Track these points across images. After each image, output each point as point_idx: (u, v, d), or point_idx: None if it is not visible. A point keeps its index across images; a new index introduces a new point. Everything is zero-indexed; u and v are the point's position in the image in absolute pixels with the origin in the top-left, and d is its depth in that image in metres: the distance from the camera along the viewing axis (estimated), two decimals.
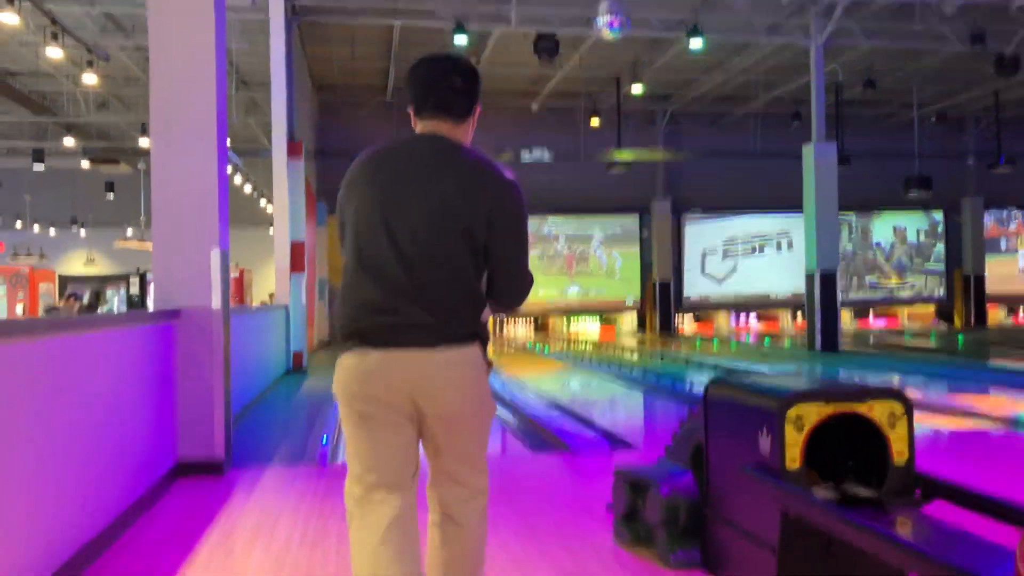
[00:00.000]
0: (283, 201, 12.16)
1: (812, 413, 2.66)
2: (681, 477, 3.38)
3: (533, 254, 21.42)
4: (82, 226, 23.30)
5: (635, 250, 22.25)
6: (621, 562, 3.42)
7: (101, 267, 22.35)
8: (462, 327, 2.30)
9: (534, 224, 21.84)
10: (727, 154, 20.98)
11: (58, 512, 3.29)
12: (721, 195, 22.20)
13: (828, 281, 13.61)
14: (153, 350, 4.82)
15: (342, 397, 2.33)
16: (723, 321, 23.36)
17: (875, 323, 23.64)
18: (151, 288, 5.32)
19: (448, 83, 2.41)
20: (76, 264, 22.97)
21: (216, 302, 5.25)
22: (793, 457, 2.64)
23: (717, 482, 3.14)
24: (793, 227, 22.43)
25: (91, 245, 23.25)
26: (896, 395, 2.69)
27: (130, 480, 4.28)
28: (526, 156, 18.40)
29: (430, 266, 2.27)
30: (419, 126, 2.45)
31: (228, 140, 15.03)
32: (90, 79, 11.37)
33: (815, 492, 2.67)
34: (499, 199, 2.33)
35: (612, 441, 6.21)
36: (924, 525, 2.41)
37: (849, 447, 2.82)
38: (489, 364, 2.39)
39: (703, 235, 22.66)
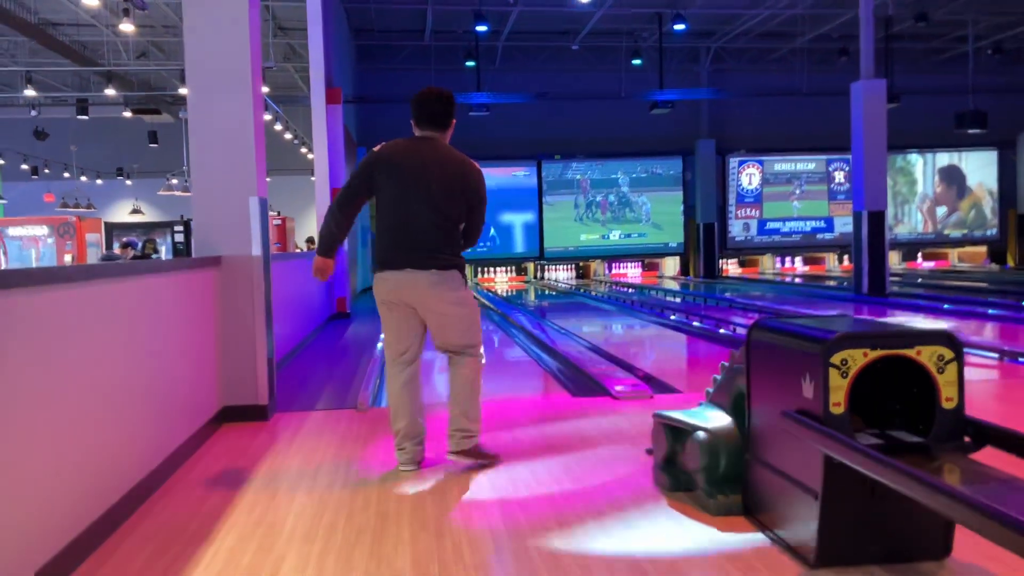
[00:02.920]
0: (323, 148, 12.14)
1: (857, 357, 2.59)
2: (722, 421, 3.34)
3: (567, 199, 21.51)
4: (128, 176, 23.58)
5: (675, 194, 21.94)
6: (660, 507, 3.40)
7: (148, 215, 22.63)
8: (448, 258, 3.95)
9: (567, 167, 21.63)
10: (773, 93, 20.46)
11: (107, 453, 3.35)
12: (767, 135, 21.75)
13: (876, 222, 13.31)
14: (195, 297, 4.87)
15: (378, 299, 4.02)
16: (768, 264, 23.07)
17: (924, 264, 23.16)
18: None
19: (436, 107, 4.06)
20: (122, 213, 23.28)
21: (256, 249, 5.27)
22: (837, 402, 2.58)
23: (759, 427, 3.09)
24: (841, 166, 21.98)
25: (137, 194, 23.55)
26: (945, 339, 2.61)
27: (176, 424, 4.35)
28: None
29: (437, 221, 3.93)
30: (417, 132, 4.06)
31: (267, 87, 14.93)
32: (127, 27, 11.36)
33: (860, 438, 2.62)
34: (476, 180, 4.03)
35: (655, 385, 6.17)
36: (972, 472, 2.34)
37: (896, 392, 2.75)
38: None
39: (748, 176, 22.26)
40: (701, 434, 3.32)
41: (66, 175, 22.54)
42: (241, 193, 5.24)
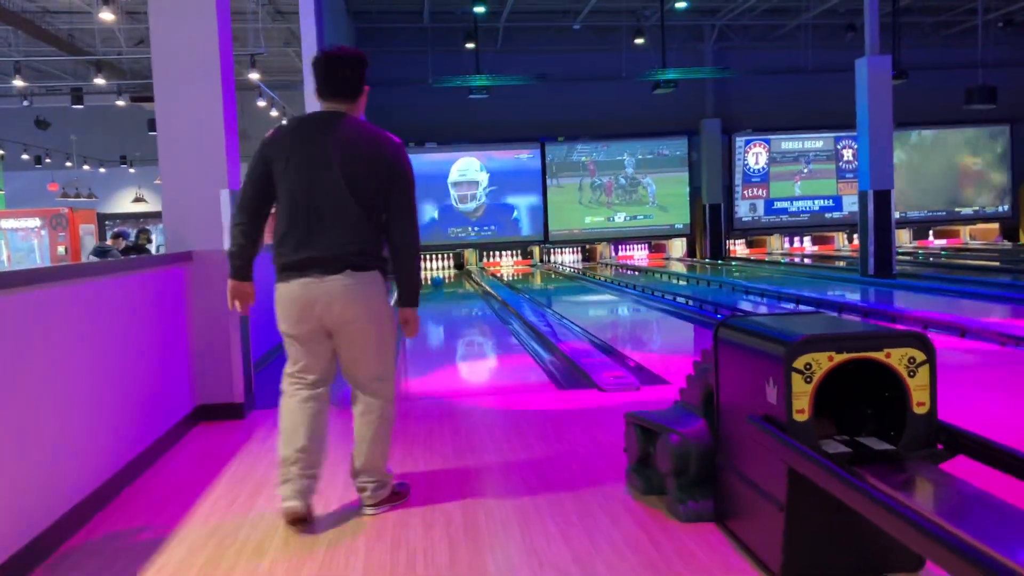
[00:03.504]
0: None
1: (822, 361, 2.43)
2: (694, 423, 3.19)
3: (573, 181, 21.32)
4: (131, 164, 23.50)
5: (681, 174, 21.68)
6: (631, 512, 3.26)
7: (151, 204, 22.57)
8: (368, 258, 3.19)
9: (572, 150, 21.41)
10: (779, 70, 20.15)
11: (64, 459, 3.24)
12: (773, 113, 21.45)
13: (882, 201, 13.07)
14: (166, 294, 4.74)
15: (279, 320, 3.34)
16: (776, 244, 22.81)
17: (935, 242, 22.85)
18: None
19: (340, 72, 3.24)
20: (125, 202, 23.24)
21: (227, 243, 5.13)
22: (800, 409, 2.43)
23: (728, 431, 2.94)
24: (850, 144, 21.70)
25: (139, 182, 23.47)
26: (916, 340, 2.44)
27: (146, 423, 4.24)
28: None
29: (346, 211, 3.15)
30: (323, 105, 3.25)
31: (261, 74, 14.76)
32: (107, 16, 11.19)
33: (826, 446, 2.47)
34: (394, 158, 3.22)
35: (645, 376, 6.03)
36: (941, 488, 2.19)
37: (867, 396, 2.60)
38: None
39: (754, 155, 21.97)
40: (672, 436, 3.17)
41: (68, 164, 22.49)
42: (212, 186, 5.10)
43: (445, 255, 21.19)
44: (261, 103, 17.34)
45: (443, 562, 2.86)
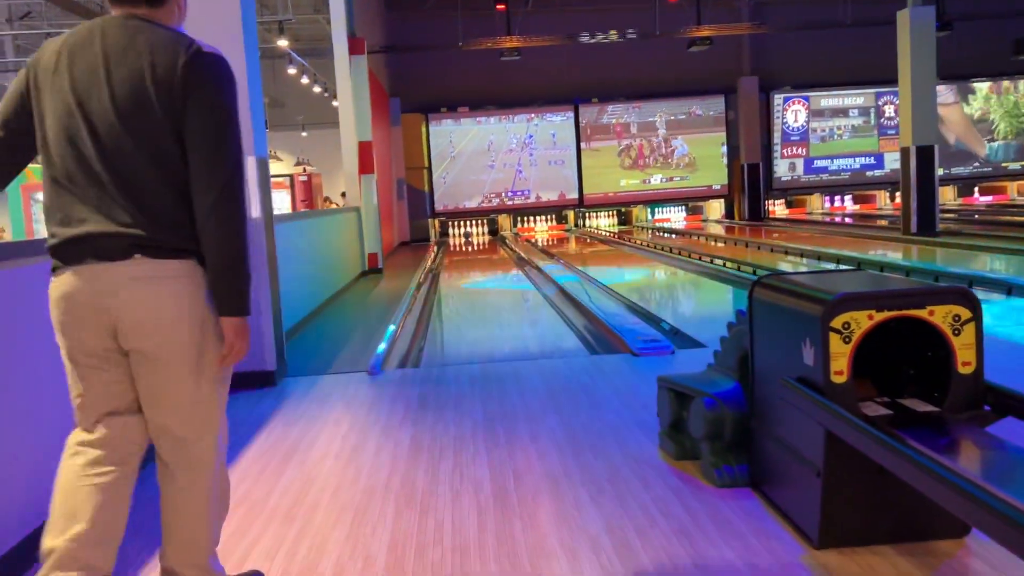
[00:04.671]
0: (348, 101, 11.92)
1: (862, 320, 2.32)
2: (728, 386, 3.10)
3: (606, 144, 21.03)
4: None
5: (717, 134, 21.29)
6: (663, 477, 3.18)
7: None
8: (170, 236, 2.03)
9: (603, 111, 21.10)
10: (818, 25, 19.61)
11: None
12: (812, 70, 20.93)
13: (925, 157, 12.71)
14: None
15: (55, 328, 2.11)
16: (816, 204, 22.38)
17: (981, 199, 22.27)
18: None
19: None
20: None
21: (256, 211, 5.10)
22: (839, 370, 2.32)
23: (763, 394, 2.85)
24: (890, 100, 21.17)
25: None
26: (961, 296, 2.32)
27: None
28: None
29: (130, 164, 2.01)
30: (112, 11, 2.13)
31: (289, 40, 14.71)
32: None
33: (866, 408, 2.37)
34: (198, 78, 2.04)
35: (680, 339, 5.92)
36: (986, 448, 2.08)
37: (910, 356, 2.48)
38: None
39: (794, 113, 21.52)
40: (705, 400, 3.08)
41: None
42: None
43: (480, 221, 21.10)
44: (292, 70, 17.29)
45: (472, 530, 2.81)
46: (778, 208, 22.19)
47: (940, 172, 13.38)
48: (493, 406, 4.40)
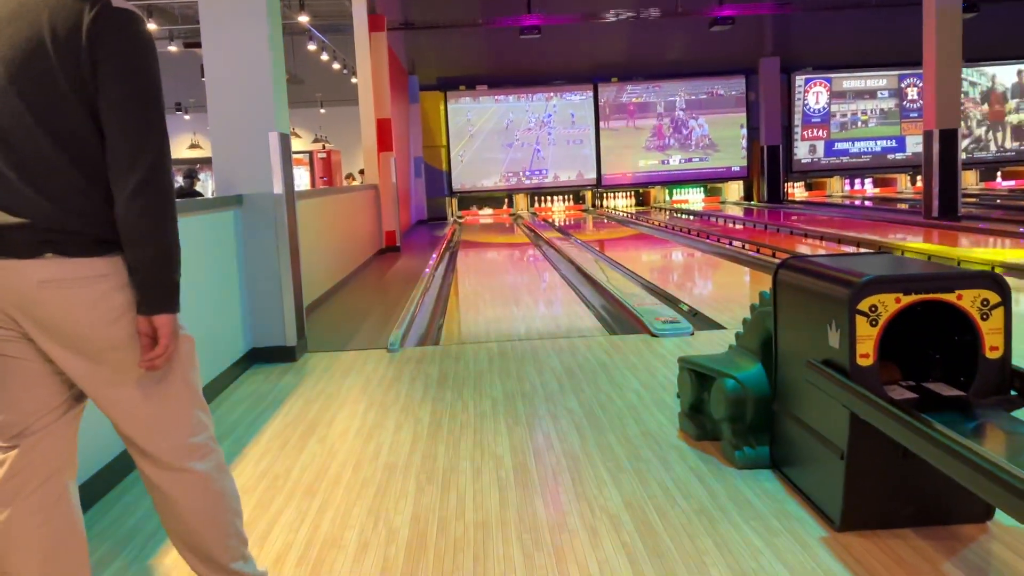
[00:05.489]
0: (366, 78, 11.89)
1: (889, 303, 2.31)
2: (750, 368, 3.09)
3: (626, 123, 20.90)
4: (186, 111, 23.70)
5: (738, 114, 21.13)
6: (683, 458, 3.19)
7: (205, 149, 22.78)
8: (85, 226, 1.73)
9: (622, 90, 20.96)
10: (841, 5, 19.38)
11: None
12: (835, 51, 20.69)
13: (948, 140, 12.58)
14: (218, 237, 4.75)
15: None
16: (836, 187, 22.21)
17: (1003, 183, 22.03)
18: None
19: None
20: (180, 148, 23.49)
21: (277, 187, 5.12)
22: (865, 353, 2.32)
23: (786, 376, 2.84)
24: (915, 82, 20.93)
25: (195, 128, 23.69)
26: (991, 281, 2.30)
27: (202, 364, 4.27)
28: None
29: (29, 145, 1.71)
30: None
31: (310, 16, 14.65)
32: None
33: (891, 391, 2.36)
34: (103, 32, 1.69)
35: (700, 321, 5.91)
36: (1013, 433, 2.07)
37: (936, 340, 2.47)
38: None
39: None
40: (727, 381, 3.08)
41: None
42: (260, 128, 5.07)
43: (498, 201, 21.06)
44: (312, 47, 17.25)
45: (493, 506, 2.83)
46: (797, 191, 22.02)
47: (963, 156, 13.24)
48: (512, 384, 4.41)
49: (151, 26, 14.77)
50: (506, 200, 21.11)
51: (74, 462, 1.90)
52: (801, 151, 21.48)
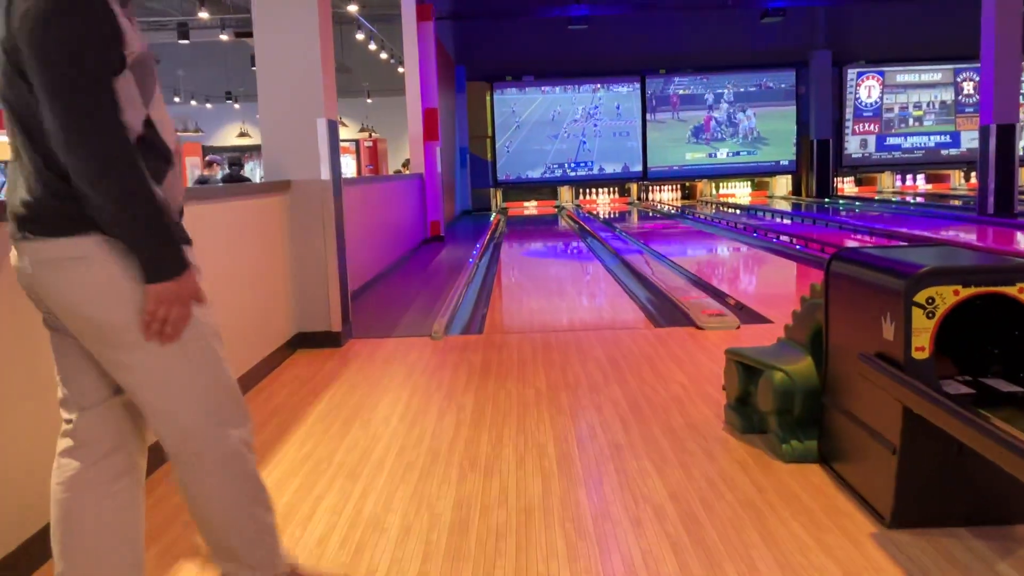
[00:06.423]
0: (414, 67, 11.92)
1: (947, 295, 2.24)
2: (799, 360, 3.04)
3: (673, 116, 20.69)
4: (236, 100, 24.01)
5: (788, 108, 20.81)
6: (729, 451, 3.15)
7: (254, 138, 23.05)
8: (45, 206, 1.73)
9: (670, 82, 20.76)
10: None
11: None
12: (889, 44, 20.29)
13: (1006, 136, 12.25)
14: (266, 222, 4.80)
15: None
16: (887, 182, 21.80)
17: None
18: None
19: None
20: (230, 137, 23.82)
21: (325, 173, 5.15)
22: (920, 346, 2.26)
23: (837, 369, 2.79)
24: (969, 77, 20.44)
25: (244, 117, 23.99)
26: None
27: (245, 350, 4.33)
28: None
29: (14, 129, 1.77)
30: None
31: (358, 6, 14.72)
32: None
33: (947, 386, 2.30)
34: (31, 12, 1.64)
35: (746, 315, 5.83)
36: None
37: (995, 334, 2.40)
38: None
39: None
40: (775, 374, 3.03)
41: (176, 99, 23.10)
42: (309, 115, 5.10)
43: (543, 192, 21.01)
44: (360, 36, 17.35)
45: (536, 493, 2.82)
46: (847, 186, 21.66)
47: (1021, 152, 12.90)
48: (556, 375, 4.40)
49: (202, 15, 14.97)
50: (551, 191, 21.06)
51: (140, 441, 1.95)
52: (852, 146, 21.12)
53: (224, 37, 16.96)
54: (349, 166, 21.09)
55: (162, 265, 1.75)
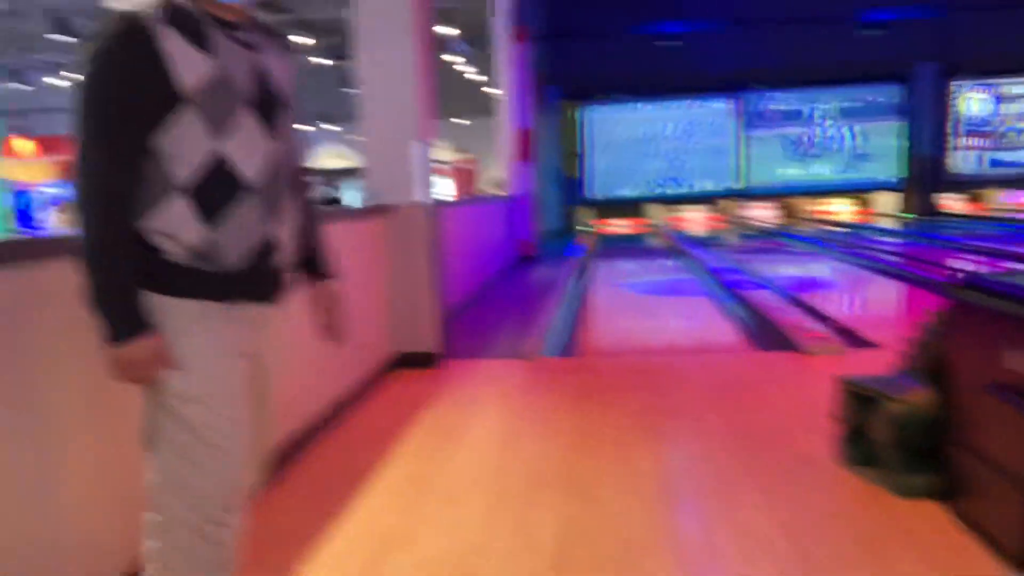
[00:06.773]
0: (508, 88, 11.99)
1: None
2: (919, 392, 2.90)
3: (770, 132, 20.23)
4: (326, 121, 24.58)
5: (890, 123, 20.14)
6: (840, 484, 3.02)
7: (353, 160, 23.56)
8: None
9: (766, 98, 20.36)
10: (1005, 6, 18.22)
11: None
12: (1000, 55, 19.46)
13: None
14: (367, 245, 4.87)
15: None
16: (996, 199, 20.83)
17: None
18: None
19: None
20: (329, 159, 24.39)
21: (422, 195, 5.20)
22: None
23: (960, 401, 2.64)
24: None
25: (337, 139, 24.55)
26: None
27: (347, 370, 4.39)
28: None
29: None
30: None
31: (457, 29, 14.88)
32: None
33: None
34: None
35: (851, 339, 5.63)
36: None
37: None
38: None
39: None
40: (895, 405, 2.90)
41: None
42: (406, 138, 5.16)
43: (635, 210, 20.84)
44: (453, 57, 17.58)
45: (638, 522, 2.75)
46: (955, 203, 20.81)
47: None
48: (654, 399, 4.31)
49: (299, 39, 15.39)
50: (643, 210, 20.88)
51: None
52: (959, 161, 20.29)
53: (317, 60, 17.39)
54: (447, 188, 21.35)
55: (105, 327, 1.63)
